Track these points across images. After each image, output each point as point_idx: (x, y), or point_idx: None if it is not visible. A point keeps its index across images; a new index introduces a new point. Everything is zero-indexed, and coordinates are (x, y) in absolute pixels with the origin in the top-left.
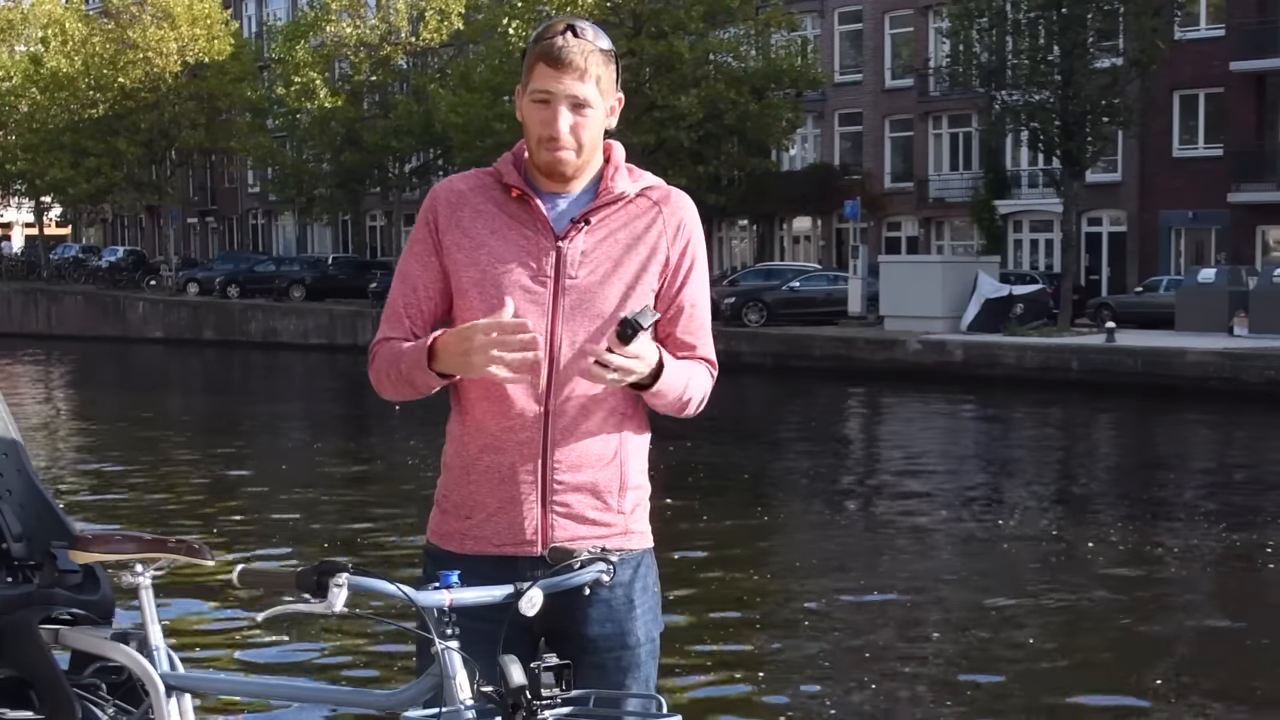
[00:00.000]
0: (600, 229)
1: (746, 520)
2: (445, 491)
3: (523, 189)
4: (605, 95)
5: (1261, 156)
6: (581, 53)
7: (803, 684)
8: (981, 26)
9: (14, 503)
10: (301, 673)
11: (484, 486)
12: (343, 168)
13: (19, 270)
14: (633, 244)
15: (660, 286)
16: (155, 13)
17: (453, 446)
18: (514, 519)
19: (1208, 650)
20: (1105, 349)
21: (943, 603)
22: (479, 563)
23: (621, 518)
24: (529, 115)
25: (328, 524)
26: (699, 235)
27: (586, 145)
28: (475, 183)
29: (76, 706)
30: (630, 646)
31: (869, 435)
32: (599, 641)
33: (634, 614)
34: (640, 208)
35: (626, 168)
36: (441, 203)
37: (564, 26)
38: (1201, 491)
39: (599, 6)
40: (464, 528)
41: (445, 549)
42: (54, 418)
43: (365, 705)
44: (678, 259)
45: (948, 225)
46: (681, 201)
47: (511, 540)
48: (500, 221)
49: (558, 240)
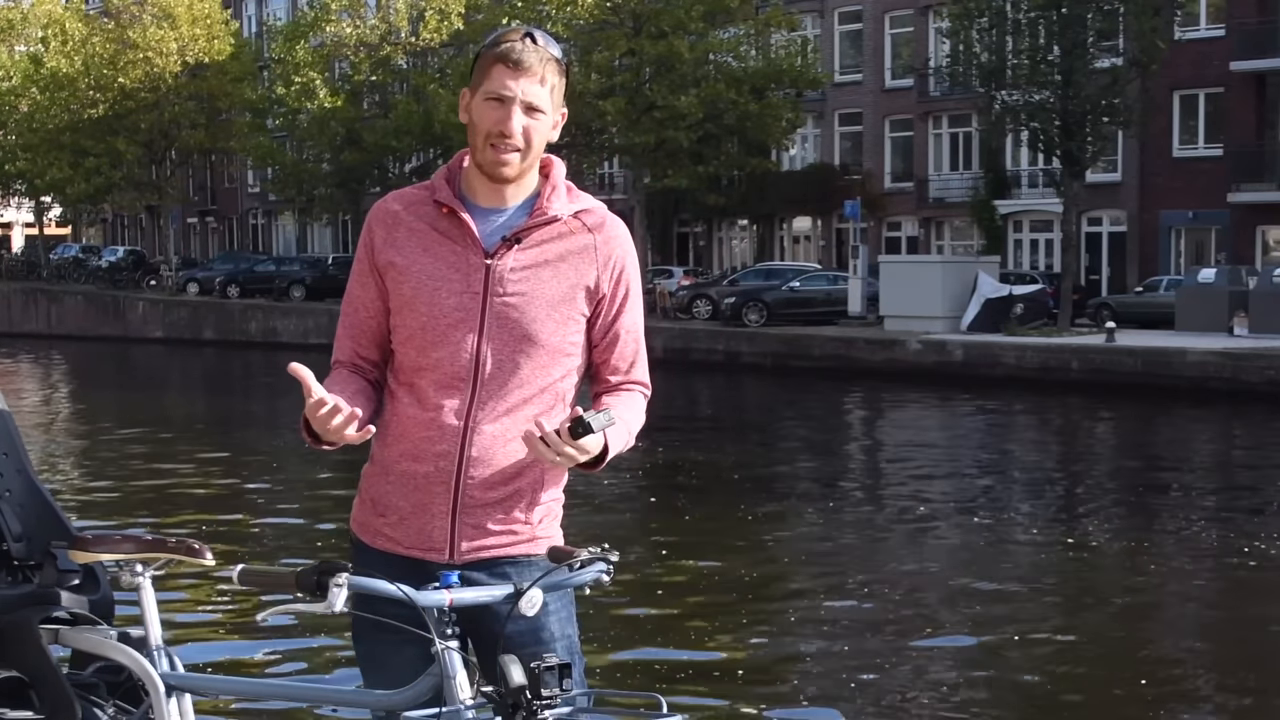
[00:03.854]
0: (531, 248)
1: (745, 520)
2: (366, 484)
3: (452, 205)
4: (555, 106)
5: (1261, 156)
6: (540, 59)
7: (802, 684)
8: (981, 26)
9: (14, 503)
10: (301, 673)
11: (399, 490)
12: (343, 168)
13: (19, 270)
14: (562, 266)
15: (593, 313)
16: (155, 13)
17: (378, 444)
18: (424, 525)
19: (1208, 650)
20: (1105, 349)
21: (941, 602)
22: (389, 559)
23: (529, 527)
24: (480, 114)
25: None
26: (633, 262)
27: (534, 148)
28: (410, 199)
29: (76, 706)
30: (544, 642)
31: (869, 435)
32: (513, 638)
33: (547, 610)
34: (574, 230)
35: (566, 186)
36: (377, 223)
37: (523, 34)
38: (1202, 491)
39: (599, 6)
40: (377, 525)
41: (360, 539)
42: (54, 418)
43: (365, 705)
44: (611, 288)
45: (948, 225)
46: (616, 231)
47: (420, 545)
48: (431, 238)
49: (487, 257)
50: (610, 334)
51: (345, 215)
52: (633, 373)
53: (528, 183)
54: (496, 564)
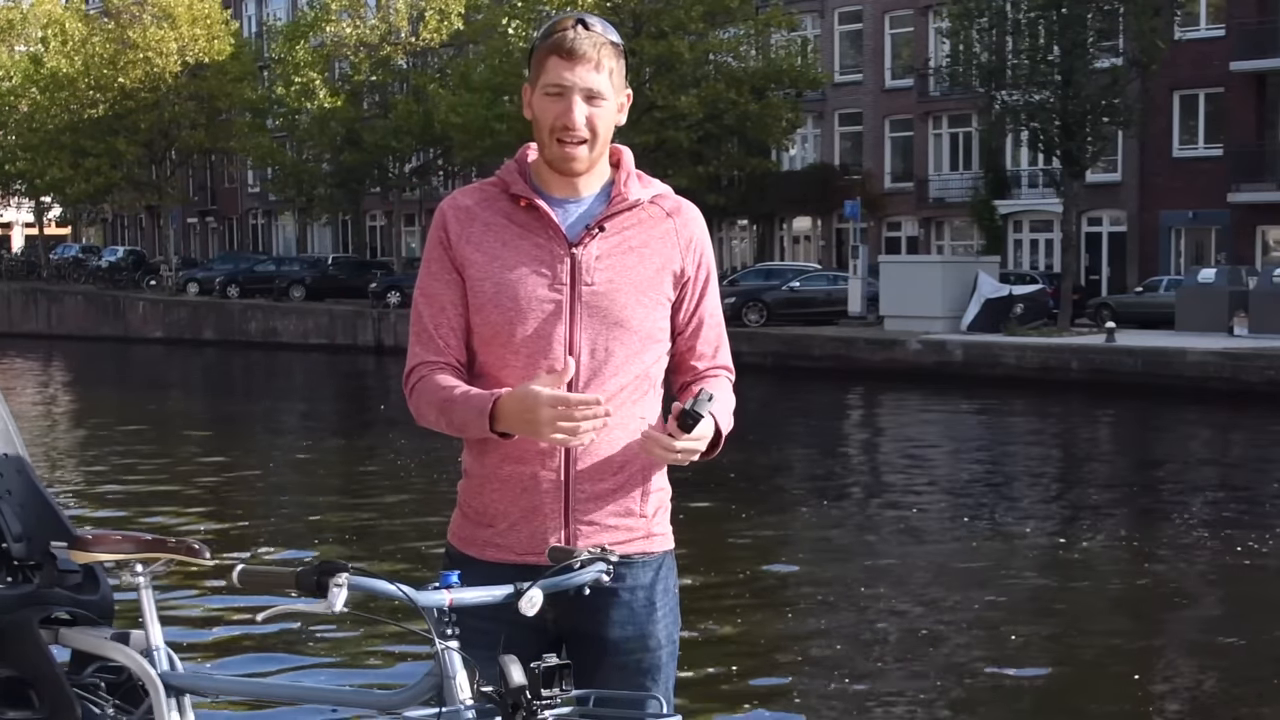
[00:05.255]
0: (614, 235)
1: (744, 520)
2: (466, 497)
3: (530, 198)
4: (617, 89)
5: (1261, 156)
6: (594, 45)
7: (799, 683)
8: (981, 26)
9: (14, 503)
10: (301, 673)
11: (506, 496)
12: (343, 168)
13: (19, 270)
14: (646, 251)
15: (677, 298)
16: (155, 13)
17: (472, 454)
18: (537, 528)
19: (1208, 649)
20: (1105, 349)
21: (941, 602)
22: (502, 570)
23: (644, 521)
24: (541, 109)
25: (327, 524)
26: (709, 247)
27: (600, 137)
28: (481, 196)
29: (76, 706)
30: (651, 649)
31: (868, 435)
32: (621, 644)
33: (655, 616)
34: (653, 215)
35: (637, 174)
36: (450, 219)
37: (574, 21)
38: (1201, 491)
39: (599, 6)
40: (486, 535)
41: (465, 553)
42: (54, 418)
43: (365, 705)
44: (694, 272)
45: (948, 225)
46: (693, 214)
47: (534, 550)
48: (511, 232)
49: (571, 247)
50: (695, 318)
51: (345, 215)
52: (718, 358)
53: (600, 171)
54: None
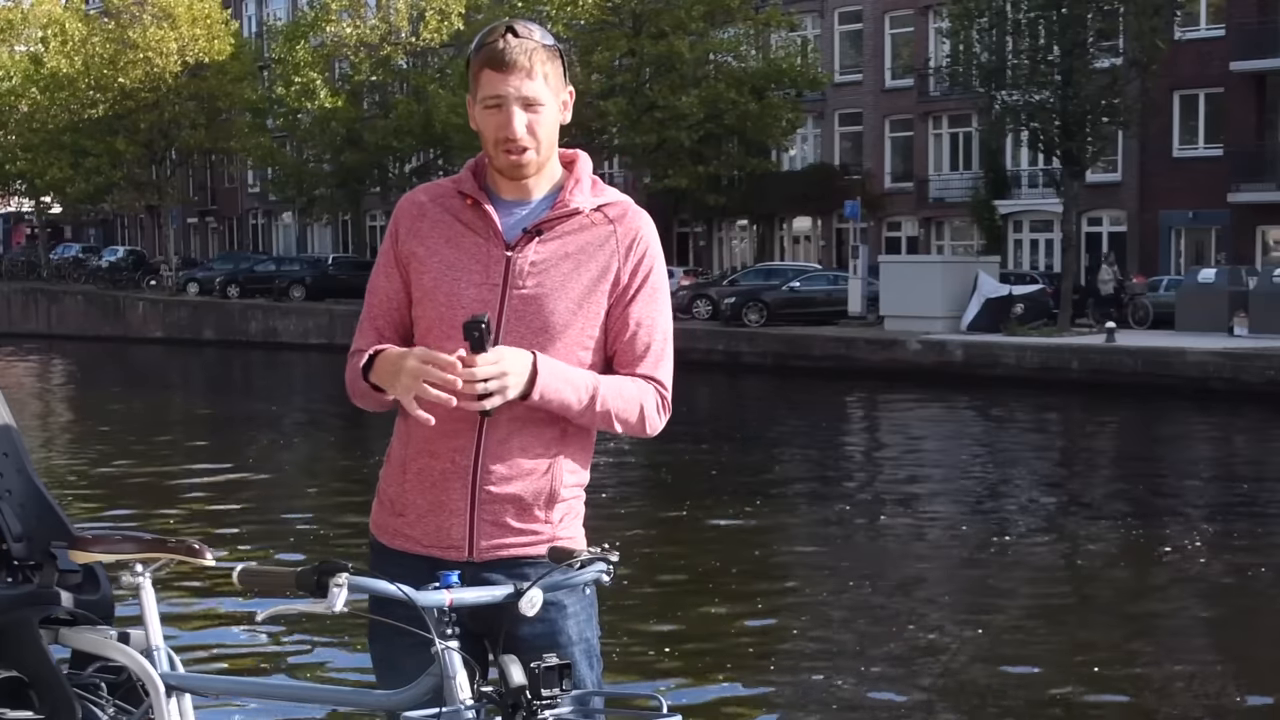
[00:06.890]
0: (551, 241)
1: (744, 520)
2: (384, 485)
3: (476, 196)
4: (555, 91)
5: (1261, 156)
6: (525, 52)
7: (799, 683)
8: (981, 26)
9: (14, 503)
10: (301, 673)
11: (416, 487)
12: (343, 168)
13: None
14: (584, 259)
15: (609, 304)
16: (155, 13)
17: (395, 442)
18: (442, 523)
19: (1208, 649)
20: (1105, 349)
21: (941, 602)
22: (407, 559)
23: (549, 527)
24: (483, 122)
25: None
26: (654, 256)
27: (544, 142)
28: (437, 192)
29: (76, 706)
30: (562, 645)
31: (869, 435)
32: (531, 641)
33: (565, 613)
34: (595, 222)
35: (591, 180)
36: (404, 214)
37: (504, 29)
38: (1202, 491)
39: (599, 6)
40: (395, 524)
41: (379, 540)
42: (53, 417)
43: (365, 705)
44: (628, 277)
45: (948, 225)
46: (639, 221)
47: (438, 543)
48: (456, 230)
49: (508, 249)
50: (619, 323)
51: (345, 215)
52: (641, 366)
53: (550, 174)
54: (516, 564)
